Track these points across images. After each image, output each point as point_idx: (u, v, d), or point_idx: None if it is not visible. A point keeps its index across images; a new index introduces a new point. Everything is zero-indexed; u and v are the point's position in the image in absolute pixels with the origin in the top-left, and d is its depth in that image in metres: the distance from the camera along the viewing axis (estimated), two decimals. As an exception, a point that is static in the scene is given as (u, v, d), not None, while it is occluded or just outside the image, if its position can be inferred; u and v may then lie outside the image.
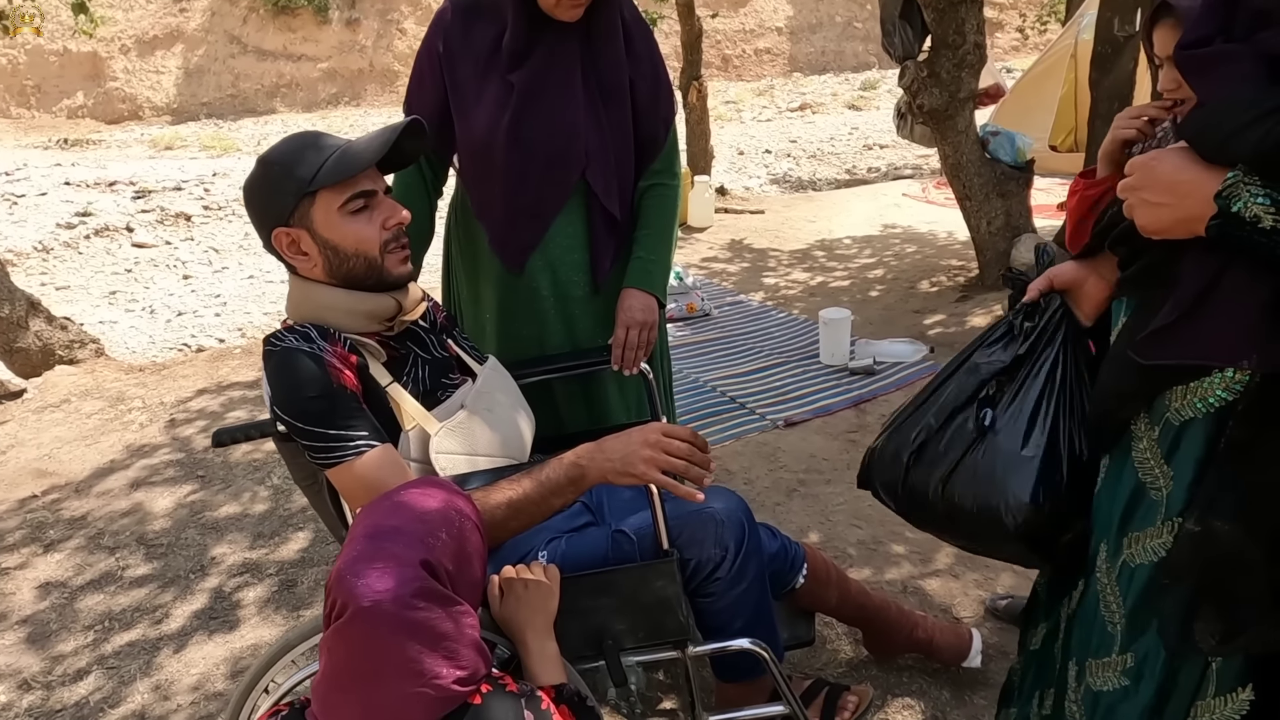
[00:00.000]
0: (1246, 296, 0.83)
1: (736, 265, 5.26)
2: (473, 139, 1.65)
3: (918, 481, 1.19)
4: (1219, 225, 0.79)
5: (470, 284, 1.80)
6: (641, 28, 1.71)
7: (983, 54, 3.77)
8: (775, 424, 3.02)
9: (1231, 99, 0.80)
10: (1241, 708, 0.91)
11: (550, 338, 1.73)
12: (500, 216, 1.69)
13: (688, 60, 6.68)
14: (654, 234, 1.73)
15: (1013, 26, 17.25)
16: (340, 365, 1.20)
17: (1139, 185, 0.86)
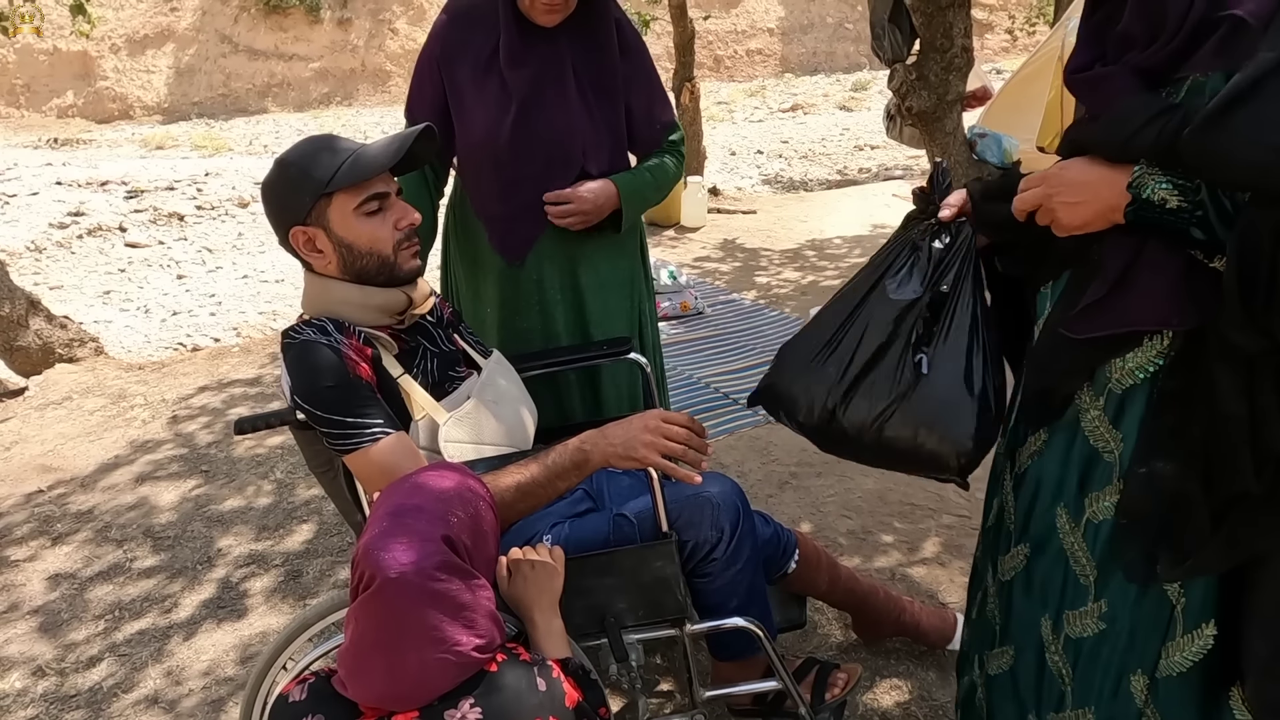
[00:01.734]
0: (1163, 268, 0.96)
1: (729, 265, 5.33)
2: (472, 141, 1.71)
3: (846, 423, 1.22)
4: (1134, 210, 0.93)
5: (470, 280, 1.86)
6: (631, 32, 1.77)
7: (970, 57, 3.85)
8: (767, 419, 3.08)
9: (1124, 109, 0.94)
10: (1206, 643, 1.01)
11: (551, 330, 1.80)
12: (499, 214, 1.75)
13: (680, 62, 6.76)
14: (644, 170, 1.80)
15: (1002, 28, 17.40)
16: (356, 357, 1.26)
17: (1053, 191, 0.99)
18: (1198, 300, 0.94)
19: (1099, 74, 0.99)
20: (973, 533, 2.33)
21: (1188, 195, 0.90)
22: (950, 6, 3.68)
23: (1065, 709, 1.15)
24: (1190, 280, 0.94)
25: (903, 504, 2.48)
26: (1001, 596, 1.25)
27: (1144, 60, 0.95)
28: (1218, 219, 0.89)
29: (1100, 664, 1.10)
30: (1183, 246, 0.94)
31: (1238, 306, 0.87)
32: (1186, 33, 0.91)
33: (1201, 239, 0.91)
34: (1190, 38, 0.91)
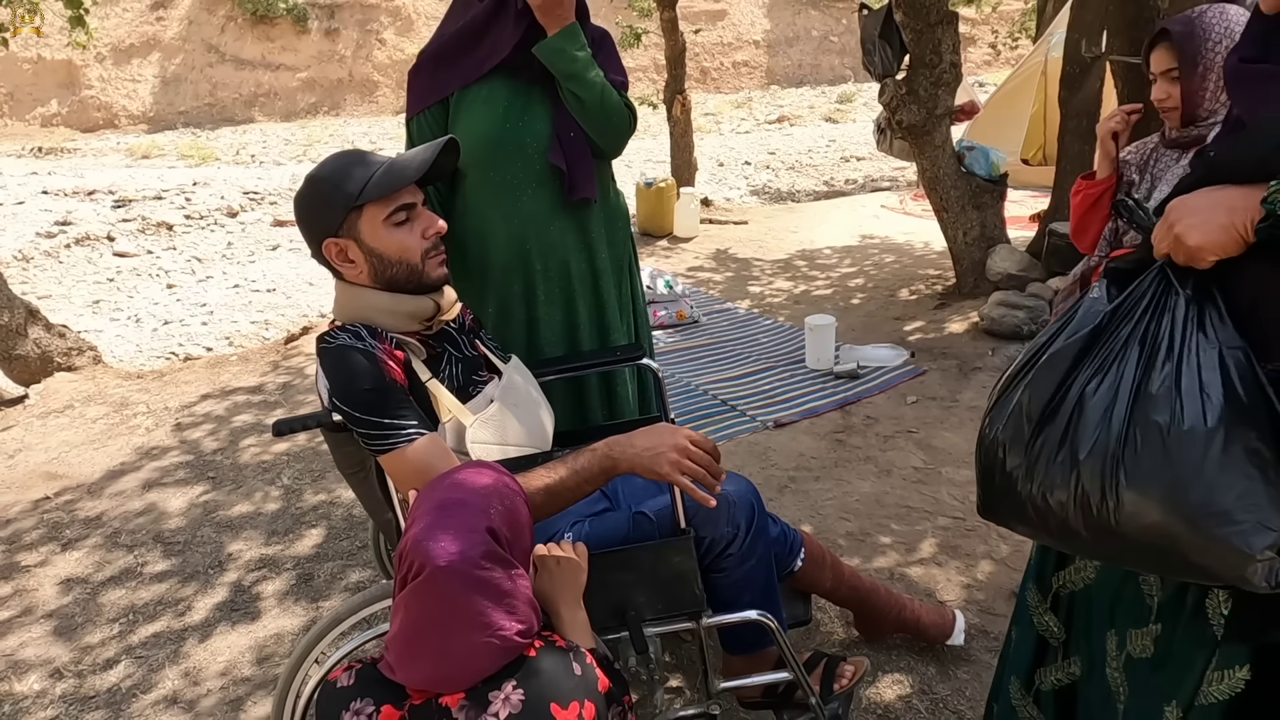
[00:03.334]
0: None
1: (722, 274, 5.41)
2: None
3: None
4: (1268, 227, 0.86)
5: (468, 289, 1.91)
6: (607, 45, 1.84)
7: (958, 73, 3.96)
8: (765, 425, 3.16)
9: (1263, 122, 0.88)
10: (1237, 685, 0.98)
11: (552, 327, 1.85)
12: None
13: (672, 74, 6.85)
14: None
15: (985, 42, 17.67)
16: (389, 361, 1.32)
17: (1178, 218, 0.91)
18: None
19: (1269, 71, 0.92)
20: (968, 533, 2.42)
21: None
22: (939, 24, 3.79)
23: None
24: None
25: (899, 506, 2.56)
26: (1062, 610, 1.23)
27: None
28: None
29: (1150, 687, 1.08)
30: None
31: None
32: None
33: None
34: None
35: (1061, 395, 0.97)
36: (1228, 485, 0.86)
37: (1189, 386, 0.89)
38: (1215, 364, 0.89)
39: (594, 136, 1.77)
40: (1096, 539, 0.95)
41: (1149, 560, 0.95)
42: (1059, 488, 0.95)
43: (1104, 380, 0.94)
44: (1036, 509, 0.98)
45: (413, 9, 21.22)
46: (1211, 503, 0.86)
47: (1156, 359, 0.92)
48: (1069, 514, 0.95)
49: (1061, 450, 0.95)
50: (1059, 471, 0.95)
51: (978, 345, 3.73)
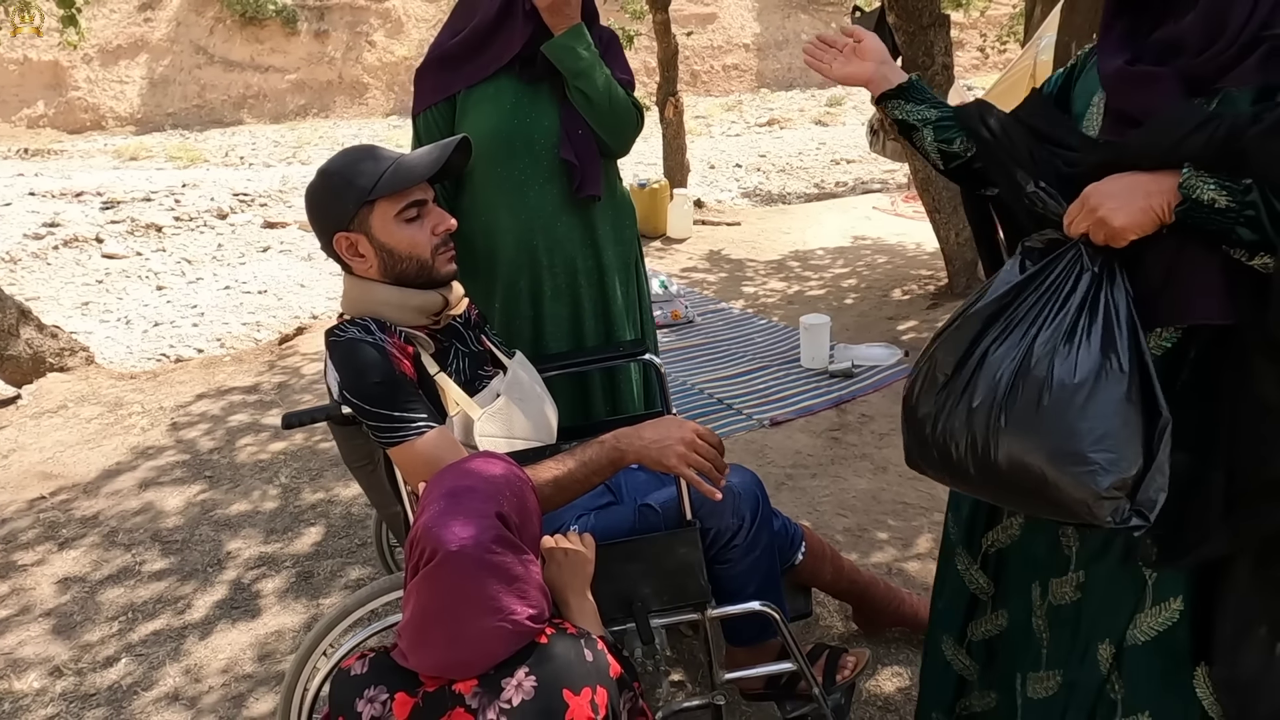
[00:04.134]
0: (1205, 266, 1.01)
1: (716, 275, 5.43)
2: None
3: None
4: (1185, 209, 0.97)
5: (475, 284, 1.93)
6: (614, 46, 1.87)
7: (950, 75, 3.99)
8: (761, 423, 3.18)
9: (1171, 115, 0.99)
10: (1173, 616, 1.08)
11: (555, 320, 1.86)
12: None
13: (664, 77, 6.88)
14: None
15: (974, 45, 17.79)
16: (399, 355, 1.33)
17: (1099, 202, 1.01)
18: (1236, 296, 0.99)
19: (1150, 72, 1.02)
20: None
21: (1237, 196, 0.94)
22: (931, 26, 3.83)
23: (1040, 669, 1.25)
24: (1230, 277, 0.99)
25: (896, 503, 2.58)
26: (990, 567, 1.33)
27: (1194, 67, 0.99)
28: (1269, 219, 0.93)
29: (1070, 630, 1.18)
30: (1221, 246, 0.99)
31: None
32: (1239, 47, 0.96)
33: (1249, 238, 0.95)
34: (1239, 52, 0.96)
35: (968, 355, 1.08)
36: (1086, 431, 0.98)
37: (1068, 347, 1.01)
38: (1100, 328, 1.01)
39: (602, 134, 1.79)
40: (983, 479, 1.07)
41: (1022, 499, 1.08)
42: (957, 433, 1.07)
43: (1005, 342, 1.06)
44: (940, 453, 1.11)
45: (403, 11, 21.20)
46: (1068, 445, 0.99)
47: (1051, 324, 1.04)
48: (963, 456, 1.07)
49: (961, 401, 1.07)
50: (958, 419, 1.07)
51: (970, 344, 3.76)
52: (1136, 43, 1.07)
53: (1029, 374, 1.02)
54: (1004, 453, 1.03)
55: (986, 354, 1.07)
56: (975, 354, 1.08)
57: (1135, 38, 1.07)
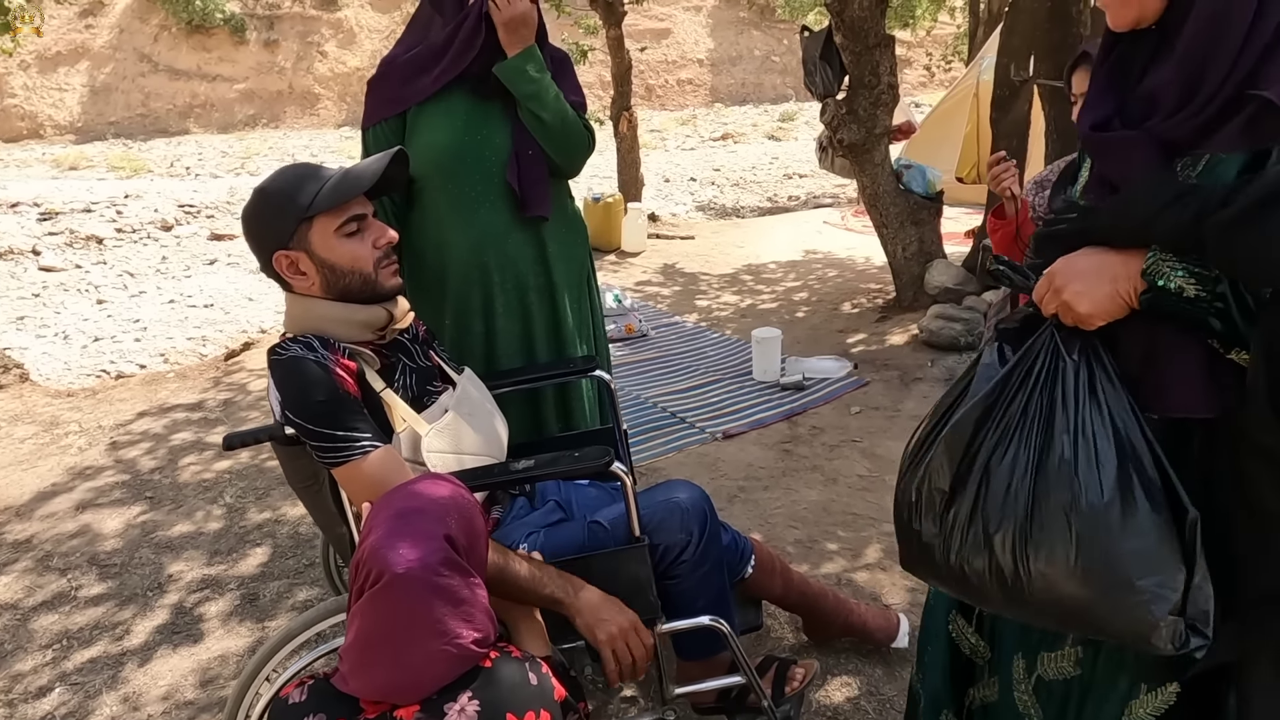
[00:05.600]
0: (1185, 354, 0.91)
1: (670, 288, 5.47)
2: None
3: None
4: (1151, 298, 0.89)
5: (425, 300, 1.91)
6: (566, 67, 1.88)
7: (896, 94, 4.09)
8: (714, 436, 3.20)
9: (1140, 191, 0.89)
10: (1169, 699, 1.01)
11: (508, 337, 1.86)
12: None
13: (618, 91, 6.92)
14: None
15: (920, 64, 18.24)
16: (342, 372, 1.31)
17: (1065, 283, 0.92)
18: (1221, 388, 0.89)
19: (1123, 138, 0.93)
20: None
21: (1206, 285, 0.85)
22: (877, 46, 3.93)
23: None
24: (1214, 366, 0.89)
25: (845, 514, 2.62)
26: (986, 629, 1.22)
27: (1169, 129, 0.89)
28: (1239, 312, 0.84)
29: (1071, 708, 1.10)
30: (1199, 334, 0.89)
31: (1267, 409, 0.81)
32: (1218, 105, 0.85)
33: (1220, 329, 0.86)
34: (1219, 112, 0.85)
35: (968, 465, 0.98)
36: (1129, 555, 0.89)
37: (1084, 459, 0.91)
38: (1108, 431, 0.91)
39: (553, 155, 1.80)
40: (1012, 605, 0.97)
41: (1065, 623, 0.98)
42: (975, 559, 0.97)
43: (1008, 451, 0.96)
44: (955, 576, 1.00)
45: (355, 21, 21.00)
46: (1114, 574, 0.89)
47: (1053, 430, 0.94)
48: (985, 583, 0.97)
49: (973, 524, 0.97)
50: (973, 545, 0.97)
51: (918, 356, 3.84)
52: (1124, 87, 0.97)
53: (1049, 494, 0.92)
54: (1038, 585, 0.92)
55: (989, 466, 0.96)
56: (976, 466, 0.97)
57: (1125, 80, 0.97)
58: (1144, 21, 0.93)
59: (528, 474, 1.36)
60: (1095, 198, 0.99)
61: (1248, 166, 0.85)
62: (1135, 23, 0.93)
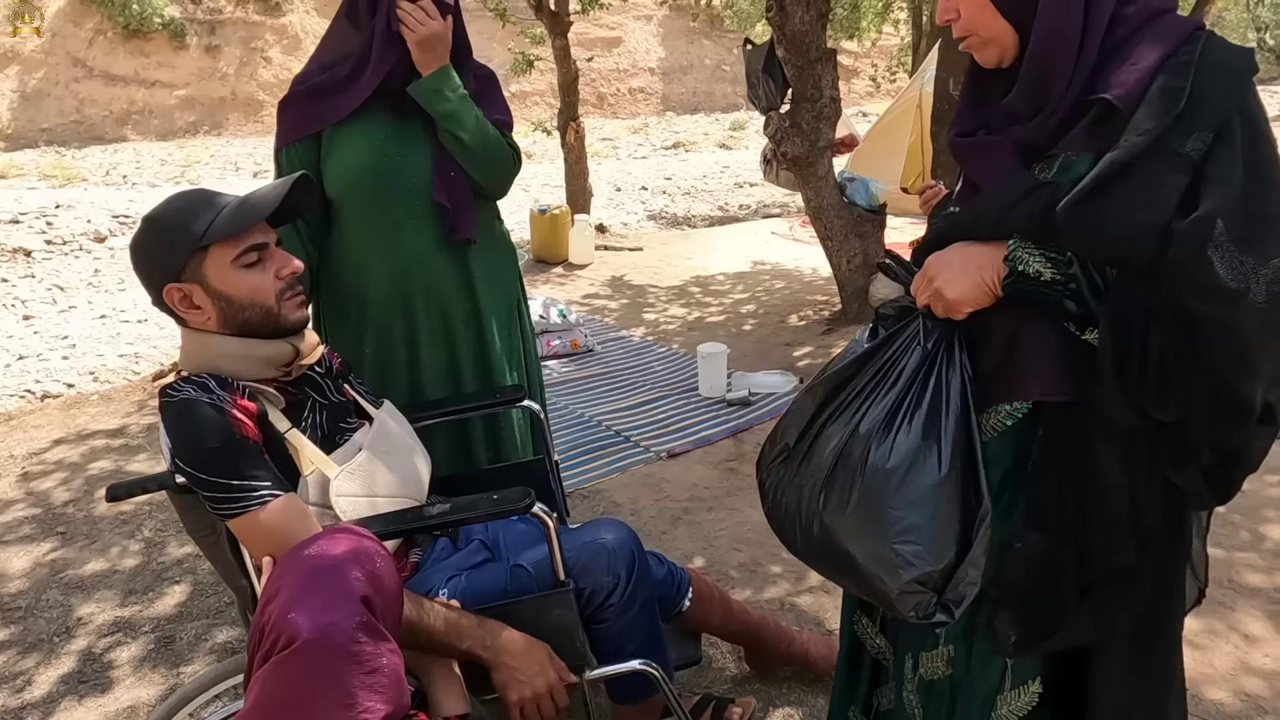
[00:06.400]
0: (1043, 341, 1.01)
1: (617, 301, 5.41)
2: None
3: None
4: (1012, 282, 0.98)
5: (344, 328, 1.83)
6: (491, 85, 1.81)
7: (838, 107, 4.10)
8: (659, 455, 3.15)
9: (999, 186, 0.99)
10: (1033, 699, 1.08)
11: (431, 366, 1.78)
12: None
13: (565, 101, 6.86)
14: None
15: (866, 75, 18.53)
16: (241, 415, 1.23)
17: (935, 273, 1.02)
18: (1075, 372, 0.97)
19: (983, 142, 1.03)
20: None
21: (1061, 268, 0.94)
22: (818, 60, 3.93)
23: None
24: (1067, 352, 0.99)
25: (789, 534, 2.58)
26: (890, 631, 1.29)
27: (1025, 135, 0.99)
28: (1090, 292, 0.93)
29: (944, 708, 1.16)
30: (1059, 319, 0.98)
31: (1113, 382, 0.90)
32: (1064, 111, 0.95)
33: (1075, 311, 0.95)
34: (1066, 117, 0.96)
35: (809, 426, 1.08)
36: (894, 521, 0.97)
37: (887, 428, 1.00)
38: (923, 410, 0.99)
39: (475, 177, 1.73)
40: (809, 554, 1.08)
41: (844, 580, 1.08)
42: (789, 506, 1.08)
43: (839, 418, 1.05)
44: (779, 523, 1.12)
45: (300, 27, 20.61)
46: (876, 532, 0.98)
47: (879, 402, 1.02)
48: (793, 530, 1.08)
49: (796, 476, 1.07)
50: (790, 494, 1.08)
51: (863, 370, 3.84)
52: (988, 106, 1.07)
53: (850, 456, 1.01)
54: (822, 535, 1.03)
55: (823, 428, 1.06)
56: (815, 426, 1.07)
57: (989, 100, 1.07)
58: (1006, 61, 1.04)
59: (443, 519, 1.28)
60: (964, 201, 1.10)
61: (1094, 163, 0.93)
62: (999, 62, 1.04)
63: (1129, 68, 0.92)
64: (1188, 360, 0.87)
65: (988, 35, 1.02)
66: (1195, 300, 0.85)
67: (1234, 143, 0.87)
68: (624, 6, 20.82)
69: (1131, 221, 0.87)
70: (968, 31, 1.03)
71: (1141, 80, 0.90)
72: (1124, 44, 0.94)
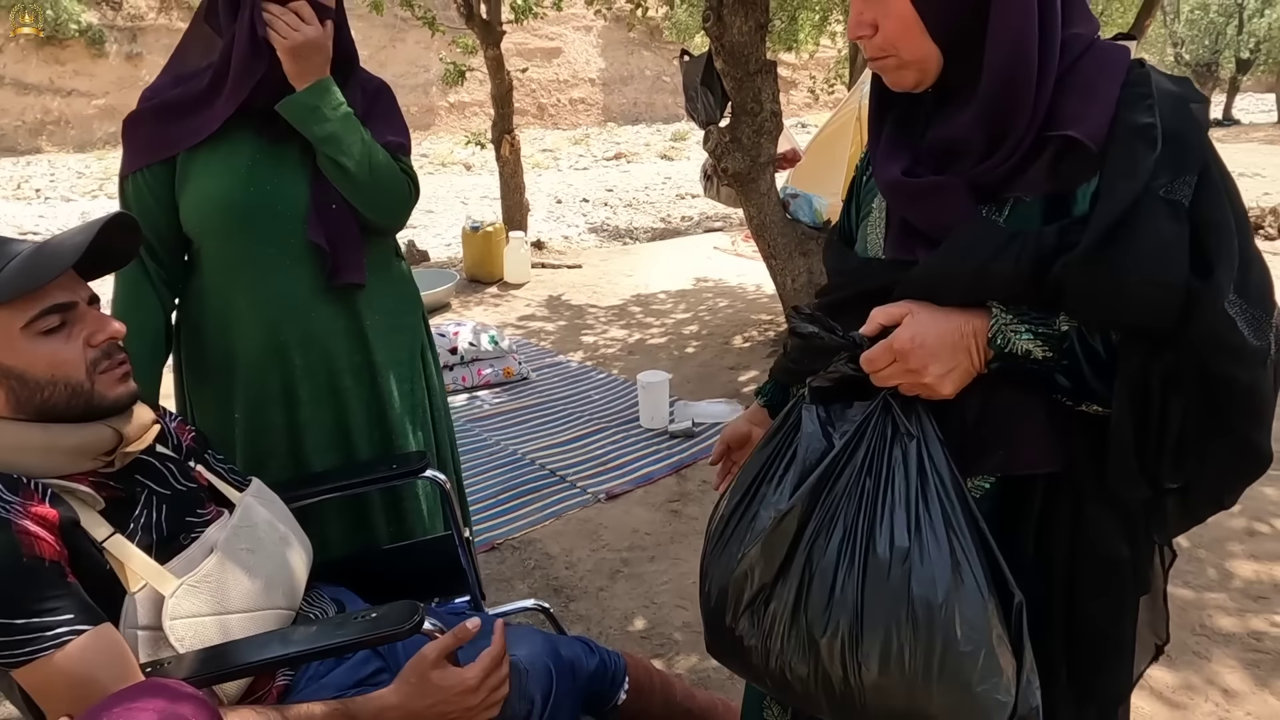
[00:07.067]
0: (1027, 411, 0.88)
1: (555, 323, 5.16)
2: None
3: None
4: (999, 367, 0.85)
5: (208, 390, 1.55)
6: (384, 100, 1.57)
7: (779, 121, 3.94)
8: (596, 498, 2.91)
9: (966, 236, 0.84)
10: None
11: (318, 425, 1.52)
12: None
13: (499, 114, 6.60)
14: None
15: (804, 86, 18.65)
16: (35, 527, 0.95)
17: (923, 364, 0.85)
18: (1064, 441, 0.86)
19: (933, 183, 0.88)
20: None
21: (1053, 344, 0.82)
22: (758, 73, 3.76)
23: None
24: (1052, 419, 0.87)
25: (738, 587, 2.37)
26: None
27: (980, 175, 0.85)
28: (1090, 368, 0.81)
29: None
30: (1039, 389, 0.86)
31: (1133, 460, 0.80)
32: (1026, 148, 0.83)
33: (1067, 386, 0.83)
34: (1027, 155, 0.83)
35: (791, 556, 0.87)
36: (965, 657, 0.81)
37: (916, 551, 0.82)
38: (937, 518, 0.83)
39: (362, 210, 1.47)
40: (843, 714, 0.87)
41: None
42: (798, 663, 0.86)
43: (831, 540, 0.85)
44: (775, 679, 0.89)
45: (226, 35, 19.88)
46: (952, 680, 0.81)
47: (881, 516, 0.84)
48: (811, 689, 0.87)
49: (795, 625, 0.86)
50: (796, 647, 0.86)
51: (811, 396, 3.67)
52: (911, 140, 0.93)
53: (880, 592, 0.82)
54: (870, 695, 0.83)
55: (811, 556, 0.86)
56: (798, 556, 0.86)
57: (909, 133, 0.94)
58: (924, 84, 0.91)
59: (300, 653, 1.03)
60: (903, 250, 0.93)
61: (1048, 208, 0.84)
62: (915, 85, 0.91)
63: (1087, 100, 0.82)
64: (1213, 426, 0.79)
65: (910, 57, 0.88)
66: (1227, 364, 0.76)
67: (1215, 182, 0.79)
68: (562, 17, 20.60)
69: (1151, 281, 0.76)
70: (885, 52, 0.89)
71: (1106, 114, 0.81)
72: (1070, 73, 0.83)
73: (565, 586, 2.42)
